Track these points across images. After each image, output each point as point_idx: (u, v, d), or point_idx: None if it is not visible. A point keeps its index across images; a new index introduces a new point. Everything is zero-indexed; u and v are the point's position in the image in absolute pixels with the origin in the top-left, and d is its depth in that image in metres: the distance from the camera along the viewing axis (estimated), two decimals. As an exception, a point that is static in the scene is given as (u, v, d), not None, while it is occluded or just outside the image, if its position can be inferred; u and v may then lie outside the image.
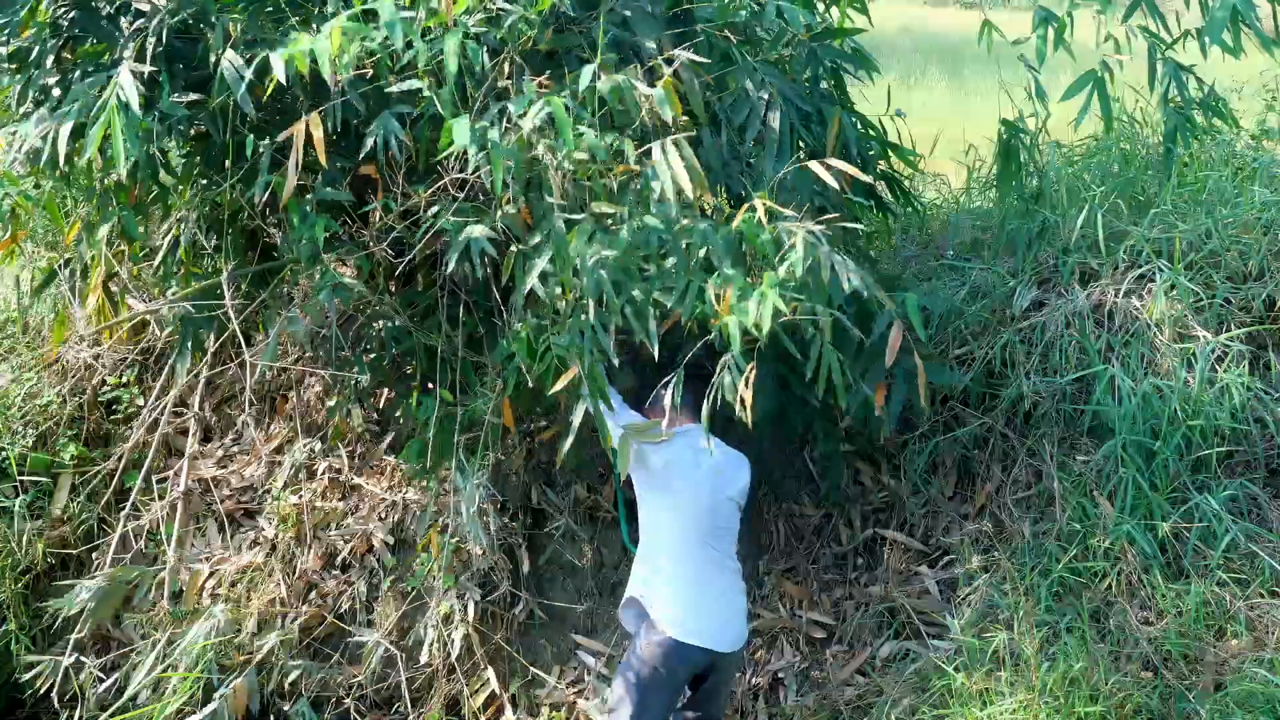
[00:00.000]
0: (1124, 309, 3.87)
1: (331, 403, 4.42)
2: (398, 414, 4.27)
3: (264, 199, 3.26)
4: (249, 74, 3.02)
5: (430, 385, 3.77)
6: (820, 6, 4.19)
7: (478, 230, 2.96)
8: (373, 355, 3.95)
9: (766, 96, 3.26)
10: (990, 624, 3.56)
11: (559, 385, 2.96)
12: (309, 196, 3.25)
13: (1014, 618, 3.48)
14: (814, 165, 2.87)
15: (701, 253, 2.76)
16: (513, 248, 3.04)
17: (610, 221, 2.86)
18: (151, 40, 3.24)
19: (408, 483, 4.27)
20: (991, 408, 4.01)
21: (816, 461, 4.25)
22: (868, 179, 3.01)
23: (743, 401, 2.68)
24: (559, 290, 2.94)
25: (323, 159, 2.95)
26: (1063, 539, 3.65)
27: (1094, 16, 3.48)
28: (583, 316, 2.87)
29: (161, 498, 4.23)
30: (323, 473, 4.34)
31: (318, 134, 2.90)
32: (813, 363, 2.79)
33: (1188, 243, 3.94)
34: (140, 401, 4.61)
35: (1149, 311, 3.81)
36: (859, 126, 3.93)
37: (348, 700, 4.06)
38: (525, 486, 4.19)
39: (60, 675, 3.78)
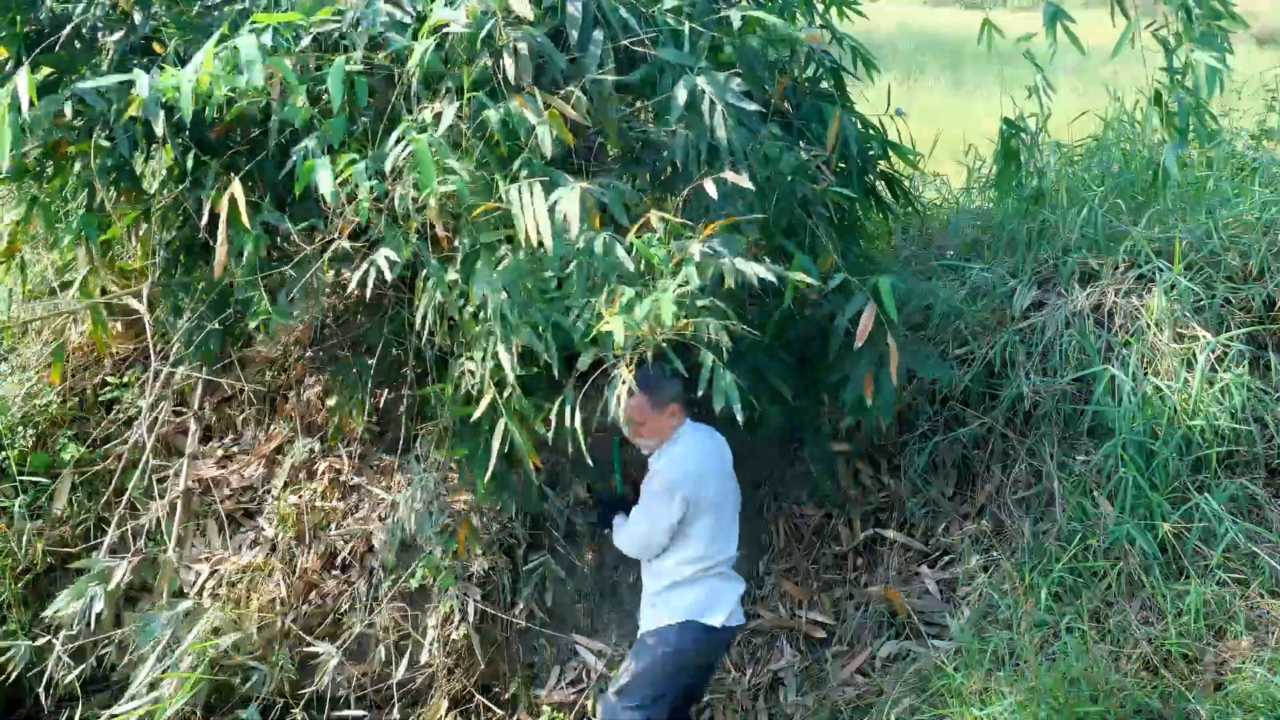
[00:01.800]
0: (1124, 309, 3.87)
1: (332, 402, 4.42)
2: (399, 412, 4.28)
3: (207, 216, 3.37)
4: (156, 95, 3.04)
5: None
6: (820, 7, 4.20)
7: (381, 254, 3.01)
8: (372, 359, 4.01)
9: (708, 106, 3.10)
10: (990, 624, 3.56)
11: (479, 410, 3.03)
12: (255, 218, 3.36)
13: (1014, 618, 3.48)
14: (706, 183, 2.89)
15: (601, 274, 2.79)
16: (424, 272, 3.08)
17: (503, 248, 2.90)
18: (113, 58, 3.36)
19: (408, 483, 4.26)
20: (991, 408, 4.01)
21: (810, 460, 4.26)
22: (746, 183, 2.94)
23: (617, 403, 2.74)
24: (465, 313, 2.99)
25: (245, 221, 3.09)
26: (1063, 539, 3.65)
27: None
28: (487, 341, 2.92)
29: (161, 497, 4.24)
30: (323, 473, 4.34)
31: (241, 198, 3.03)
32: (704, 381, 2.79)
33: (1188, 243, 3.94)
34: (141, 402, 4.61)
35: (1149, 311, 3.81)
36: (859, 126, 3.94)
37: (347, 700, 4.06)
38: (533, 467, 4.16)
39: (58, 665, 3.80)
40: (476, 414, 3.07)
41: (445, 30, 2.96)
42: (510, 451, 3.13)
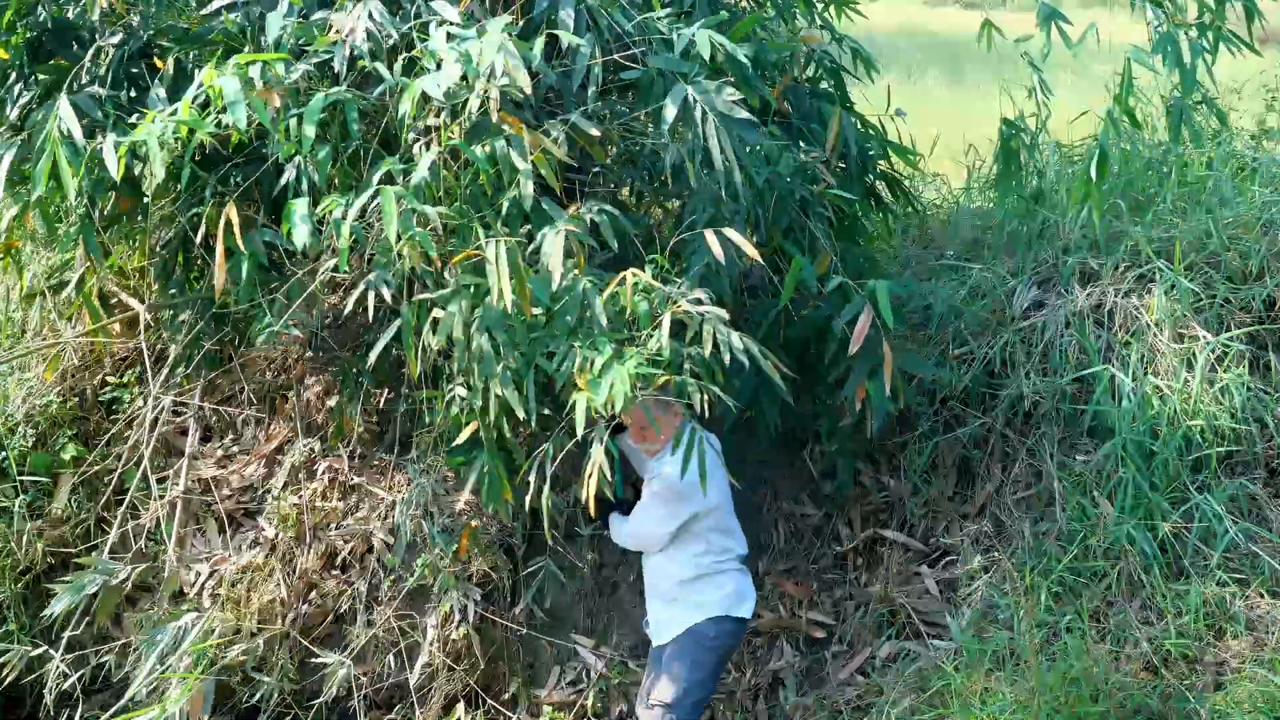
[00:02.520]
0: (1124, 309, 3.87)
1: (332, 402, 4.42)
2: (399, 413, 4.28)
3: (203, 231, 3.40)
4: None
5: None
6: (819, 6, 4.20)
7: (375, 274, 3.03)
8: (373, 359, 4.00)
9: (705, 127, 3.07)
10: (990, 624, 3.56)
11: (462, 438, 3.09)
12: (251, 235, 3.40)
13: (1014, 618, 3.48)
14: (708, 235, 2.93)
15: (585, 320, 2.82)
16: (415, 298, 3.09)
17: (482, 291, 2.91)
18: (111, 63, 3.38)
19: (408, 483, 4.26)
20: (991, 408, 4.01)
21: (817, 461, 4.25)
22: (755, 253, 2.98)
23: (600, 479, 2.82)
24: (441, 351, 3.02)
25: (239, 242, 3.13)
26: (1063, 539, 3.65)
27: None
28: (475, 375, 2.94)
29: (161, 498, 4.24)
30: (323, 473, 4.33)
31: (235, 219, 3.07)
32: (674, 447, 2.86)
33: (1188, 243, 3.93)
34: (140, 402, 4.61)
35: (1149, 311, 3.81)
36: (859, 126, 3.94)
37: (346, 700, 4.06)
38: (525, 486, 4.18)
39: (57, 674, 3.80)
40: (460, 439, 3.12)
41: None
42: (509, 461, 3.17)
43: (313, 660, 4.04)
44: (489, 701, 4.03)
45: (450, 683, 4.03)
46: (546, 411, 3.10)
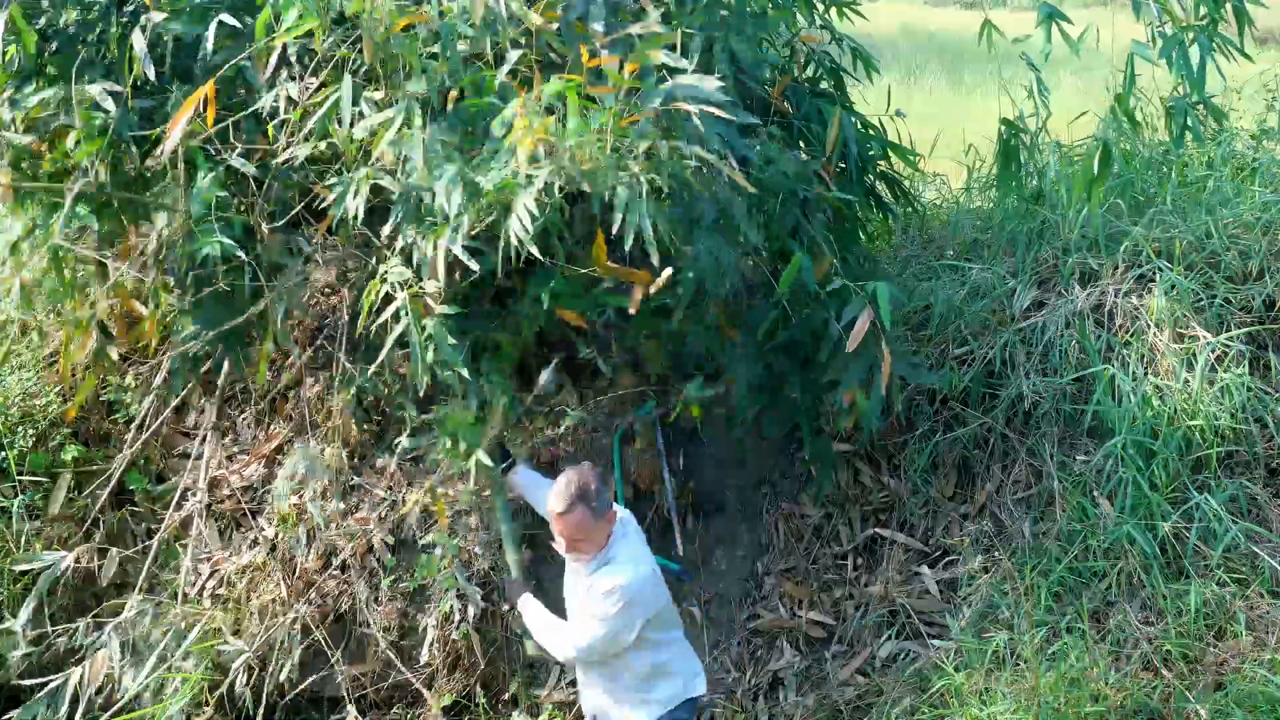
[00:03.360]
0: (1124, 309, 3.87)
1: (332, 402, 4.42)
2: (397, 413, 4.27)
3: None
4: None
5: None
6: (819, 7, 4.20)
7: (354, 189, 2.97)
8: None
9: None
10: (990, 624, 3.56)
11: (382, 318, 2.98)
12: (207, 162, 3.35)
13: (1014, 618, 3.48)
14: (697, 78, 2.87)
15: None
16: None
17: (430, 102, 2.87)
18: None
19: (408, 483, 4.26)
20: (991, 408, 4.01)
21: (810, 461, 4.25)
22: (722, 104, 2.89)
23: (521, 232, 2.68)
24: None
25: (210, 121, 3.09)
26: (1063, 539, 3.65)
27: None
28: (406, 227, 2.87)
29: (162, 498, 4.24)
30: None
31: (211, 93, 3.06)
32: (617, 220, 2.72)
33: (1188, 243, 3.94)
34: (142, 402, 4.60)
35: (1149, 311, 3.81)
36: (859, 126, 3.94)
37: (347, 700, 4.06)
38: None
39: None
40: (386, 313, 2.99)
41: None
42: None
43: (314, 661, 4.03)
44: (489, 701, 4.03)
45: (450, 682, 4.03)
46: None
